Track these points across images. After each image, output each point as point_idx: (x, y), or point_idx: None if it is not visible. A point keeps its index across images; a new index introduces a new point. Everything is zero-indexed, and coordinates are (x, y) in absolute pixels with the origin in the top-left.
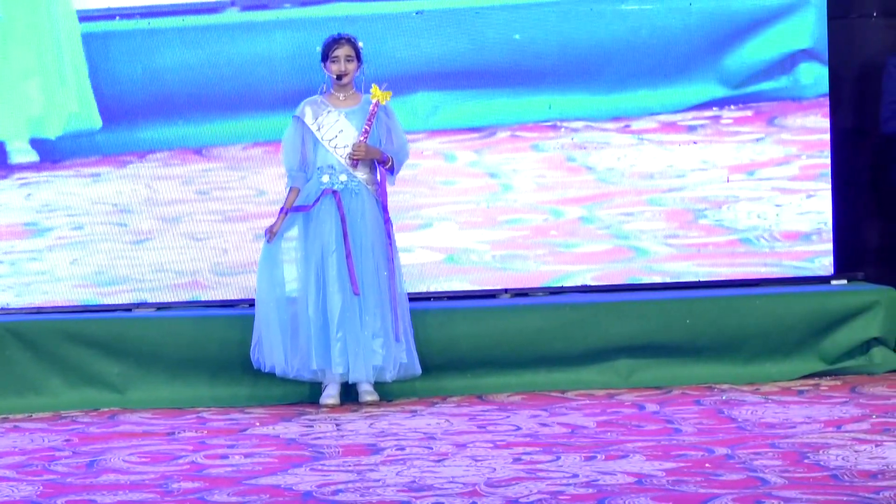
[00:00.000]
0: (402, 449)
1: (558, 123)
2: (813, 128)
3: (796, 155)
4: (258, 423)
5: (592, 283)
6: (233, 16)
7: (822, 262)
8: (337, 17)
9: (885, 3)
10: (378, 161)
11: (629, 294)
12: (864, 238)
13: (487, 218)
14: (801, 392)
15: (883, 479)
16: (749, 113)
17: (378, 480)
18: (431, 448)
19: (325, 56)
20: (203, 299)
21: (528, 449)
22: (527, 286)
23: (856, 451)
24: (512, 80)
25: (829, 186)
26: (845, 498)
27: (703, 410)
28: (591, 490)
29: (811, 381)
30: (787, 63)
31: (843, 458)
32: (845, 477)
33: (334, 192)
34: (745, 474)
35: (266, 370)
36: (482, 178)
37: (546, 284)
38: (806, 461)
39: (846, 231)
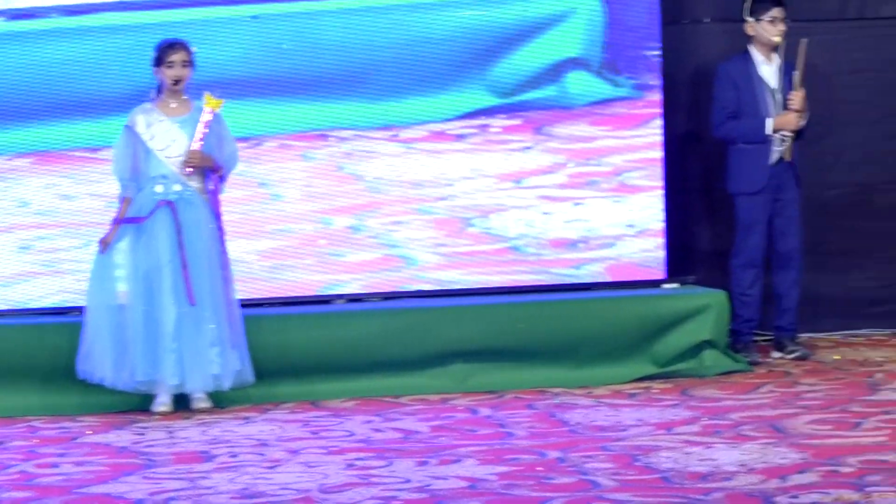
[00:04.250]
0: (235, 456)
1: (327, 133)
2: (581, 136)
3: (563, 163)
4: (90, 432)
5: (428, 289)
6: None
7: (590, 269)
8: (90, 27)
9: (718, 9)
10: (210, 169)
11: (463, 299)
12: (696, 242)
13: (255, 227)
14: (632, 395)
15: (713, 480)
16: (518, 122)
17: (210, 488)
18: (264, 455)
19: (160, 61)
20: (33, 306)
21: (361, 454)
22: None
23: (686, 454)
24: (279, 88)
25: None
26: (676, 500)
27: (535, 414)
28: (423, 495)
29: (643, 384)
30: (556, 72)
31: (673, 461)
32: (676, 479)
33: (169, 202)
34: (577, 477)
35: (95, 381)
36: (251, 187)
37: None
38: (637, 464)
39: (678, 234)
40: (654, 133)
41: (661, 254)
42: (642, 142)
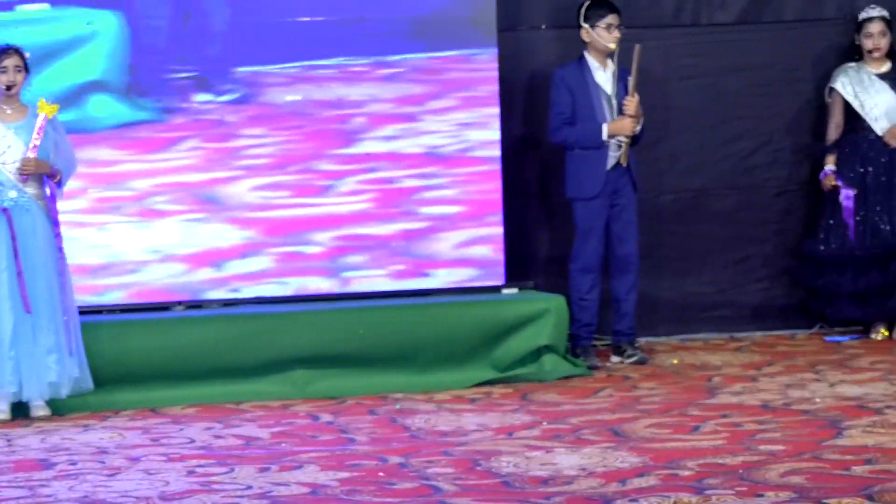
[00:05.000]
0: (75, 464)
1: None
2: (106, 160)
3: (84, 188)
4: None
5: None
6: None
7: (113, 296)
8: None
9: (554, 16)
10: (47, 175)
11: (303, 305)
12: (534, 247)
13: None
14: (473, 400)
15: (553, 484)
16: None
17: (50, 496)
18: (104, 462)
19: None
20: None
21: (202, 461)
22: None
23: (527, 458)
24: None
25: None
26: None
27: (377, 420)
28: (265, 501)
29: (483, 389)
30: (78, 95)
31: (514, 465)
32: (517, 483)
33: (4, 209)
34: (419, 482)
35: None
36: None
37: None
38: (478, 468)
39: (516, 240)
40: (187, 156)
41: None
42: (168, 165)
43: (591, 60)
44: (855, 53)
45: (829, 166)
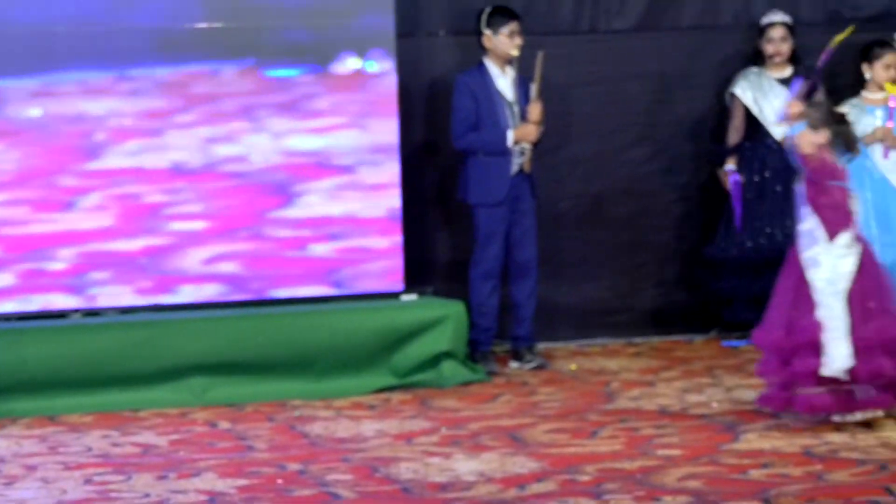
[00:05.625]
0: None
1: None
2: None
3: None
4: None
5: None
6: None
7: None
8: None
9: (452, 22)
10: None
11: (201, 312)
12: (434, 252)
13: None
14: (372, 406)
15: (452, 490)
16: None
17: None
18: (1, 471)
19: None
20: None
21: (100, 469)
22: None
23: (426, 464)
24: None
25: None
26: None
27: (275, 427)
28: None
29: (383, 396)
30: None
31: (413, 471)
32: (416, 489)
33: None
34: (318, 489)
35: None
36: None
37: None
38: (377, 475)
39: (415, 246)
40: None
41: None
42: None
43: (492, 67)
44: (757, 59)
45: (730, 166)
